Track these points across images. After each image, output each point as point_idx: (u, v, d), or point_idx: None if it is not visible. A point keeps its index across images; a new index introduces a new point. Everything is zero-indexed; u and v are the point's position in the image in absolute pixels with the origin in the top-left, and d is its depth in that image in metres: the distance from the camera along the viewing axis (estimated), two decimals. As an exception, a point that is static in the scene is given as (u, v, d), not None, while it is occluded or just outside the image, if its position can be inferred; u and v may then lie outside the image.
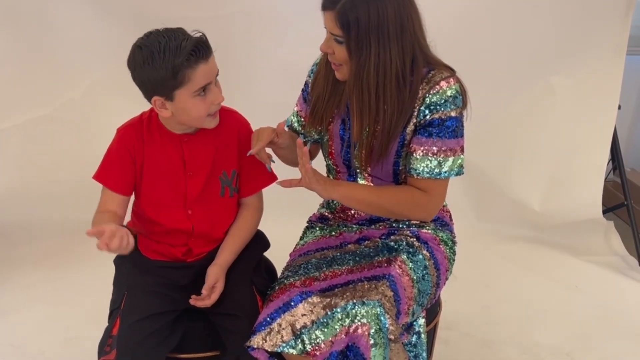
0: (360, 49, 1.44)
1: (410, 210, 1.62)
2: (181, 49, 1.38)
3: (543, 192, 3.19)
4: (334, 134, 1.65)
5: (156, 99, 1.45)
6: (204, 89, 1.45)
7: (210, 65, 1.44)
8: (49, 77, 2.86)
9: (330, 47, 1.50)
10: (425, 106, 1.51)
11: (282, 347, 1.42)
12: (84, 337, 2.21)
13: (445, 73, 1.52)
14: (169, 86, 1.42)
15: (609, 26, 2.95)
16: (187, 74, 1.40)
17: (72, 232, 2.90)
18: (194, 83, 1.42)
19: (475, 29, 2.96)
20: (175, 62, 1.38)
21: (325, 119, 1.64)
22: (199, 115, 1.48)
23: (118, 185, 1.58)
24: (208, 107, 1.47)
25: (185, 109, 1.46)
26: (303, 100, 1.73)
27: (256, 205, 1.70)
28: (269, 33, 2.95)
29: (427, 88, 1.50)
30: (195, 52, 1.39)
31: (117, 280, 1.65)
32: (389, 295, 1.45)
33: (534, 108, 3.11)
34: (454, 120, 1.52)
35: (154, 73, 1.40)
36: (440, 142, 1.52)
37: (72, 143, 2.96)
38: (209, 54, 1.44)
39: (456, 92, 1.51)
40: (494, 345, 2.32)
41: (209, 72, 1.44)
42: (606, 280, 2.81)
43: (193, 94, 1.43)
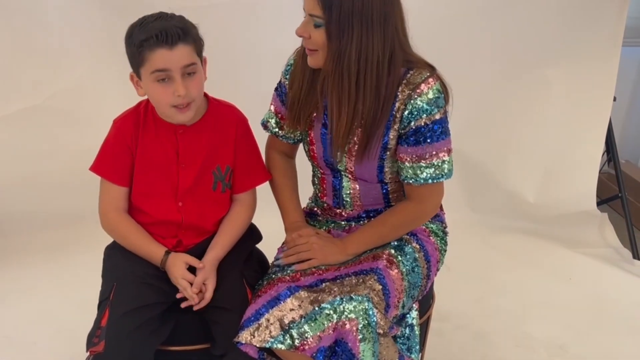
0: (341, 32, 1.39)
1: (415, 224, 1.63)
2: (148, 29, 1.41)
3: (537, 183, 3.19)
4: (316, 138, 1.62)
5: (132, 74, 1.49)
6: (166, 76, 1.43)
7: (176, 53, 1.41)
8: (39, 67, 2.83)
9: (307, 31, 1.44)
10: (409, 112, 1.47)
11: (271, 342, 1.40)
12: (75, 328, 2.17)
13: (424, 72, 1.47)
14: (135, 63, 1.45)
15: (604, 17, 2.94)
16: (145, 54, 1.41)
17: (64, 224, 2.91)
18: (149, 65, 1.42)
19: (471, 21, 2.94)
20: (138, 39, 1.41)
21: (303, 118, 1.59)
22: (159, 102, 1.47)
23: (118, 177, 1.57)
24: (169, 97, 1.45)
25: (148, 91, 1.48)
26: (279, 101, 1.68)
27: (249, 202, 1.68)
28: (264, 23, 2.93)
29: (407, 92, 1.46)
30: (158, 36, 1.39)
31: (107, 271, 1.63)
32: (377, 289, 1.44)
33: (529, 100, 3.10)
34: (441, 122, 1.49)
35: (127, 48, 1.45)
36: (431, 147, 1.49)
37: (64, 133, 2.93)
38: (175, 42, 1.41)
39: (438, 92, 1.47)
40: (488, 337, 2.32)
41: (171, 60, 1.41)
42: (600, 272, 2.81)
43: (151, 78, 1.43)
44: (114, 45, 2.72)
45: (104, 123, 1.69)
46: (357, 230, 1.63)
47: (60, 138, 2.94)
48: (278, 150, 1.75)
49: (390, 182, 1.62)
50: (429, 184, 1.53)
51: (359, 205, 1.66)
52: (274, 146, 1.75)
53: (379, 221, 1.62)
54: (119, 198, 1.59)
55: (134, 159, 1.57)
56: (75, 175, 2.84)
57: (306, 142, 1.66)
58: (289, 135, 1.70)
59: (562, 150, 3.16)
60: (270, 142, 1.76)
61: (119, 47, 1.49)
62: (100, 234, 1.67)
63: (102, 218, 1.61)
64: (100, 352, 1.43)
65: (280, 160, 1.75)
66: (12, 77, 2.82)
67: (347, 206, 1.67)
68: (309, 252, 1.56)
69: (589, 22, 2.95)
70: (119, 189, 1.58)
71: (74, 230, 2.87)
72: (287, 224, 1.69)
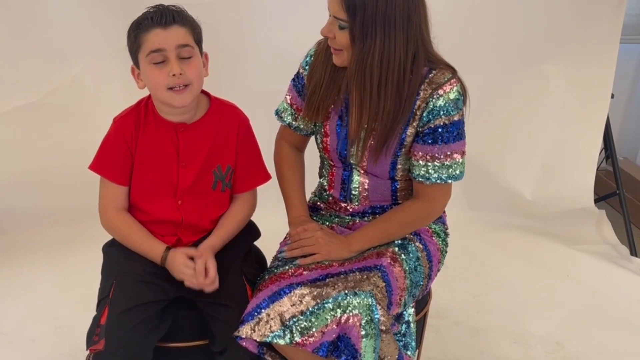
0: (364, 35, 1.41)
1: (421, 223, 1.64)
2: (144, 14, 1.45)
3: (535, 180, 3.20)
4: (331, 130, 1.62)
5: (133, 67, 1.51)
6: (162, 57, 1.44)
7: (170, 33, 1.44)
8: (36, 63, 2.82)
9: (331, 32, 1.46)
10: (429, 111, 1.48)
11: (271, 337, 1.40)
12: (74, 325, 2.20)
13: (447, 74, 1.49)
14: (133, 51, 1.48)
15: (602, 15, 2.94)
16: (142, 36, 1.44)
17: (63, 221, 2.91)
18: (146, 45, 1.44)
19: (469, 18, 2.94)
20: (135, 24, 1.45)
21: (321, 110, 1.60)
22: (155, 85, 1.48)
23: (118, 176, 1.58)
24: (165, 78, 1.45)
25: (146, 77, 1.49)
26: (296, 92, 1.68)
27: (250, 200, 1.69)
28: (262, 20, 2.92)
29: (429, 90, 1.48)
30: (153, 17, 1.43)
31: (106, 269, 1.63)
32: (380, 286, 1.45)
33: (527, 97, 3.10)
34: (458, 124, 1.51)
35: (127, 39, 1.48)
36: (446, 147, 1.51)
37: (61, 130, 2.92)
38: (169, 22, 1.44)
39: (458, 94, 1.49)
40: (485, 334, 2.33)
41: (165, 39, 1.44)
42: (598, 269, 2.82)
43: (147, 59, 1.45)
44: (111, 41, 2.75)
45: (102, 120, 1.69)
46: (362, 227, 1.63)
47: (58, 135, 2.93)
48: (288, 141, 1.75)
49: (401, 180, 1.62)
50: (439, 184, 1.54)
51: (365, 201, 1.67)
52: (284, 137, 1.76)
53: (384, 218, 1.62)
54: (118, 196, 1.59)
55: (134, 158, 1.57)
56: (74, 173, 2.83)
57: (320, 134, 1.66)
58: (302, 127, 1.70)
59: (559, 147, 3.17)
60: (282, 133, 1.76)
61: (117, 44, 1.52)
62: (99, 232, 1.67)
63: (102, 217, 1.61)
64: (101, 350, 1.43)
65: (290, 152, 1.75)
66: (10, 74, 2.81)
67: (354, 200, 1.67)
68: (314, 246, 1.56)
69: (587, 19, 2.95)
70: (118, 187, 1.58)
71: (73, 228, 2.86)
72: (291, 218, 1.69)
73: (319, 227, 1.62)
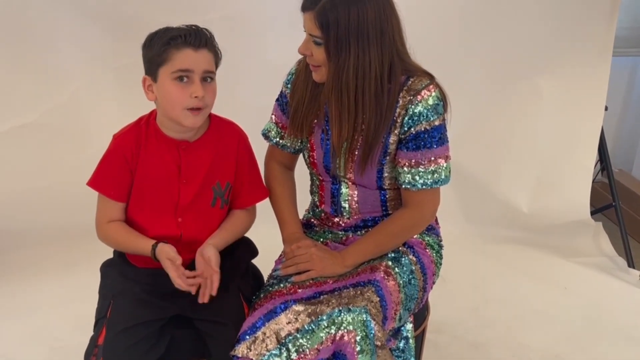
0: (339, 50, 1.44)
1: (412, 231, 1.65)
2: (176, 30, 1.45)
3: (531, 193, 3.20)
4: (316, 144, 1.64)
5: (145, 77, 1.51)
6: (186, 77, 1.45)
7: (199, 55, 1.46)
8: (33, 83, 2.84)
9: (308, 49, 1.49)
10: (409, 117, 1.50)
11: (267, 356, 1.40)
12: (70, 346, 2.19)
13: (424, 80, 1.51)
14: (155, 63, 1.47)
15: (594, 27, 2.97)
16: (171, 53, 1.44)
17: (59, 239, 2.90)
18: (173, 63, 1.45)
19: (462, 31, 2.97)
20: (167, 37, 1.44)
21: (305, 126, 1.62)
22: (174, 103, 1.48)
23: (116, 193, 1.58)
24: (186, 98, 1.46)
25: (164, 91, 1.48)
26: (280, 111, 1.71)
27: (250, 211, 1.71)
28: (253, 37, 2.95)
29: (407, 97, 1.50)
30: (186, 36, 1.44)
31: (103, 289, 1.63)
32: (375, 300, 1.45)
33: (521, 109, 3.12)
34: (440, 129, 1.52)
35: (150, 50, 1.47)
36: (430, 152, 1.53)
37: (58, 149, 2.93)
38: (199, 45, 1.45)
39: (437, 99, 1.51)
40: (483, 348, 2.32)
41: (195, 61, 1.45)
42: (595, 281, 2.82)
43: (172, 76, 1.45)
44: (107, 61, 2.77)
45: (99, 138, 1.70)
46: (355, 242, 1.63)
47: (56, 154, 2.94)
48: (278, 161, 1.77)
49: (389, 189, 1.63)
50: (426, 189, 1.55)
51: (356, 213, 1.67)
52: (273, 157, 1.77)
53: (375, 231, 1.63)
54: (115, 212, 1.59)
55: (134, 175, 1.57)
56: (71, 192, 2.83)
57: (307, 150, 1.68)
58: (289, 145, 1.71)
59: (555, 160, 3.18)
60: (270, 152, 1.78)
61: (112, 63, 1.52)
62: (97, 251, 1.67)
63: (97, 229, 1.61)
64: (98, 370, 1.43)
65: (280, 171, 1.76)
66: (6, 93, 2.82)
67: (345, 213, 1.68)
68: (308, 263, 1.56)
69: (580, 32, 2.98)
70: (115, 204, 1.59)
71: (70, 247, 2.86)
72: (285, 235, 1.70)
73: (313, 243, 1.63)
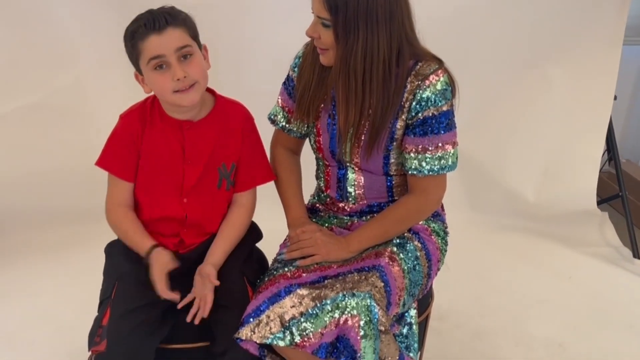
0: (347, 33, 1.42)
1: (417, 218, 1.64)
2: (137, 21, 1.42)
3: (537, 182, 3.19)
4: (322, 129, 1.63)
5: (136, 73, 1.50)
6: (163, 63, 1.43)
7: (166, 37, 1.42)
8: (38, 64, 2.83)
9: (316, 32, 1.47)
10: (417, 102, 1.49)
11: (271, 338, 1.40)
12: (74, 327, 2.17)
13: (433, 65, 1.50)
14: (133, 58, 1.46)
15: (605, 16, 2.94)
16: (139, 45, 1.42)
17: (64, 222, 2.91)
18: (144, 54, 1.43)
19: (472, 19, 2.94)
20: (129, 32, 1.43)
21: (312, 110, 1.61)
22: (162, 90, 1.47)
23: (124, 172, 1.57)
24: (169, 83, 1.44)
25: (150, 83, 1.48)
26: (287, 94, 1.69)
27: (248, 204, 1.67)
28: (258, 20, 2.93)
29: (416, 82, 1.48)
30: (146, 24, 1.41)
31: (108, 270, 1.63)
32: (379, 286, 1.45)
33: (530, 98, 3.10)
34: (447, 114, 1.51)
35: (126, 48, 1.47)
36: (437, 138, 1.51)
37: (62, 131, 2.93)
38: (163, 26, 1.41)
39: (445, 85, 1.49)
40: (487, 336, 2.32)
41: (162, 45, 1.42)
42: (600, 271, 2.81)
43: (148, 67, 1.44)
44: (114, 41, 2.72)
45: (105, 120, 1.69)
46: (360, 227, 1.63)
47: (61, 135, 2.94)
48: (284, 145, 1.76)
49: (395, 175, 1.62)
50: (432, 175, 1.54)
51: (362, 199, 1.66)
52: (279, 141, 1.76)
53: (381, 216, 1.62)
54: (124, 193, 1.59)
55: (140, 154, 1.57)
56: (76, 173, 2.85)
57: (313, 134, 1.67)
58: (296, 129, 1.70)
59: (562, 149, 3.16)
60: (277, 137, 1.77)
61: (119, 45, 1.50)
62: (101, 233, 1.67)
63: (107, 213, 1.61)
64: (102, 351, 1.43)
65: (286, 155, 1.75)
66: (12, 74, 2.82)
67: (351, 199, 1.67)
68: (313, 247, 1.56)
69: (590, 21, 2.95)
70: (124, 184, 1.58)
71: (74, 229, 2.87)
72: (290, 220, 1.70)
73: (317, 228, 1.62)
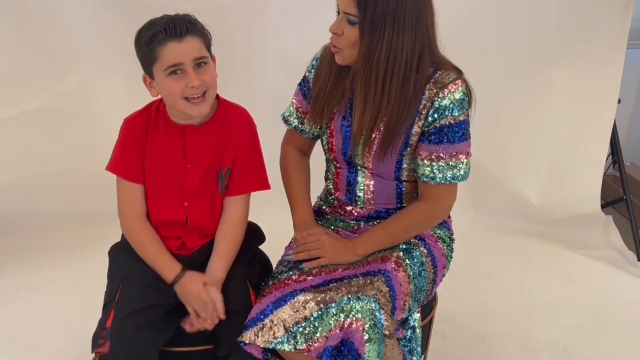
0: (373, 30, 1.42)
1: (426, 225, 1.64)
2: (155, 26, 1.42)
3: (541, 185, 3.19)
4: (335, 130, 1.63)
5: (145, 76, 1.50)
6: (177, 69, 1.44)
7: (185, 45, 1.43)
8: (44, 68, 2.84)
9: (340, 28, 1.47)
10: (434, 110, 1.49)
11: (275, 343, 1.40)
12: (80, 328, 2.19)
13: (452, 74, 1.50)
14: (147, 63, 1.46)
15: (609, 19, 2.93)
16: (157, 51, 1.43)
17: (69, 223, 2.92)
18: (163, 60, 1.43)
19: (475, 22, 2.94)
20: (147, 36, 1.42)
21: (326, 112, 1.61)
22: (171, 95, 1.47)
23: (134, 175, 1.58)
24: (181, 89, 1.45)
25: (161, 88, 1.48)
26: (302, 95, 1.70)
27: (242, 213, 1.63)
28: (268, 24, 2.93)
29: (434, 90, 1.49)
30: (166, 30, 1.41)
31: (112, 272, 1.64)
32: (384, 290, 1.45)
33: (533, 101, 3.10)
34: (463, 124, 1.51)
35: (138, 50, 1.47)
36: (452, 147, 1.52)
37: (68, 134, 2.94)
38: (183, 34, 1.42)
39: (463, 95, 1.50)
40: (491, 339, 2.32)
41: (182, 53, 1.43)
42: (604, 274, 2.81)
43: (164, 73, 1.44)
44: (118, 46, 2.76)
45: (109, 124, 1.70)
46: (367, 231, 1.63)
47: (66, 139, 2.95)
48: (294, 145, 1.76)
49: (406, 181, 1.62)
50: (443, 184, 1.55)
51: (370, 203, 1.66)
52: (291, 141, 1.77)
53: (389, 222, 1.62)
54: (136, 198, 1.58)
55: (145, 157, 1.58)
56: (81, 176, 2.87)
57: (326, 135, 1.67)
58: (308, 130, 1.71)
59: (566, 152, 3.16)
60: (288, 137, 1.78)
61: (124, 48, 1.52)
62: (106, 235, 1.68)
63: (122, 220, 1.60)
64: (106, 353, 1.44)
65: (296, 156, 1.76)
66: (18, 78, 2.83)
67: (359, 203, 1.67)
68: (319, 250, 1.56)
69: (594, 24, 2.94)
70: (135, 187, 1.58)
71: (79, 231, 2.88)
72: (297, 221, 1.70)
73: (324, 231, 1.62)
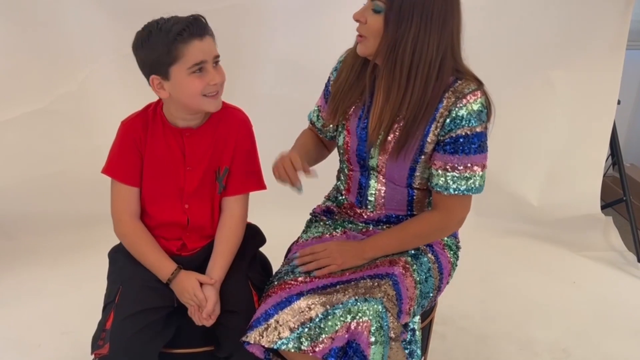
0: (400, 20, 1.41)
1: (437, 235, 1.64)
2: (175, 25, 1.42)
3: (541, 186, 3.18)
4: (351, 131, 1.62)
5: (154, 77, 1.47)
6: (200, 67, 1.45)
7: (206, 44, 1.45)
8: (44, 70, 2.84)
9: (364, 16, 1.46)
10: (451, 119, 1.47)
11: (279, 343, 1.40)
12: (80, 330, 2.19)
13: (472, 85, 1.49)
14: (164, 63, 1.44)
15: (608, 20, 2.93)
16: (181, 49, 1.42)
17: (69, 225, 2.92)
18: (188, 58, 1.43)
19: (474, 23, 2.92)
20: (169, 37, 1.41)
21: (339, 110, 1.61)
22: (193, 93, 1.47)
23: (130, 178, 1.58)
24: (204, 86, 1.46)
25: (181, 87, 1.46)
26: (324, 97, 1.72)
27: (240, 213, 1.64)
28: (267, 26, 2.93)
29: (453, 99, 1.47)
30: (189, 28, 1.42)
31: (112, 274, 1.64)
32: (391, 294, 1.45)
33: (533, 102, 3.10)
34: (480, 136, 1.49)
35: (151, 51, 1.44)
36: (467, 158, 1.50)
37: (69, 136, 2.94)
38: (203, 33, 1.44)
39: (482, 107, 1.48)
40: (491, 341, 2.32)
41: (204, 50, 1.45)
42: (604, 276, 2.81)
43: (188, 71, 1.44)
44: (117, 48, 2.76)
45: (109, 126, 1.69)
46: (377, 235, 1.62)
47: (66, 141, 2.95)
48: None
49: (418, 189, 1.61)
50: (457, 195, 1.53)
51: (381, 208, 1.65)
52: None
53: (400, 228, 1.61)
54: (131, 200, 1.59)
55: (143, 160, 1.58)
56: (81, 178, 2.86)
57: (342, 135, 1.66)
58: (324, 129, 1.72)
59: (566, 153, 3.16)
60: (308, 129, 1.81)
61: (123, 50, 1.50)
62: (106, 237, 1.67)
63: (115, 222, 1.61)
64: (105, 354, 1.44)
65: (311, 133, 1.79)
66: (17, 80, 2.82)
67: (370, 206, 1.66)
68: (329, 258, 1.54)
69: (594, 25, 2.94)
70: (130, 189, 1.58)
71: (79, 234, 2.87)
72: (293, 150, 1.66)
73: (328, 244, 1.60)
